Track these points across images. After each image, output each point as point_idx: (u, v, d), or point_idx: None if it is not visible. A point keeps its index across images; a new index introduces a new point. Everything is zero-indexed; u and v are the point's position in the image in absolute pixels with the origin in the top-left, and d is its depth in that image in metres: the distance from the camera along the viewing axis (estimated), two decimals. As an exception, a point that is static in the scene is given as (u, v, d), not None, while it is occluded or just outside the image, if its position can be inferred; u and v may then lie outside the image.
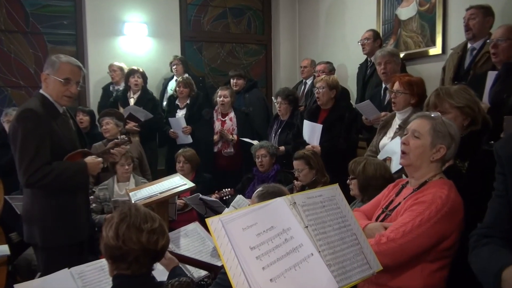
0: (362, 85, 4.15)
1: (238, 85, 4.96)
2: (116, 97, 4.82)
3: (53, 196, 2.34)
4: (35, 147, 2.22)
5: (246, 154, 4.25)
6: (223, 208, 3.18)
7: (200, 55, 6.12)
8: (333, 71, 4.80)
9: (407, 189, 1.92)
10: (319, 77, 4.07)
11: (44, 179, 2.24)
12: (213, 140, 4.48)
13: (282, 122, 4.23)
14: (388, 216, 1.87)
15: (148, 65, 5.46)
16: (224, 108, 4.55)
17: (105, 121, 4.01)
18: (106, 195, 3.59)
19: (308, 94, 4.93)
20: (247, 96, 4.97)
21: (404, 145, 1.85)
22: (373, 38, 4.12)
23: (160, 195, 2.62)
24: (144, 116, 4.60)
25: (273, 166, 3.87)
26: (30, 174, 2.22)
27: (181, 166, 3.90)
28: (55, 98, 2.36)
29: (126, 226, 1.53)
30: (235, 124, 4.56)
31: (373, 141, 3.03)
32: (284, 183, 3.45)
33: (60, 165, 2.30)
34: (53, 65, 2.34)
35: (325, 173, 3.23)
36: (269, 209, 1.36)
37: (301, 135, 3.78)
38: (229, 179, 4.18)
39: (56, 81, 2.33)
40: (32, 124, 2.22)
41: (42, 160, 2.24)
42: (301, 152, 3.31)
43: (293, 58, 6.28)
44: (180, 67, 5.26)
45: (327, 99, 3.72)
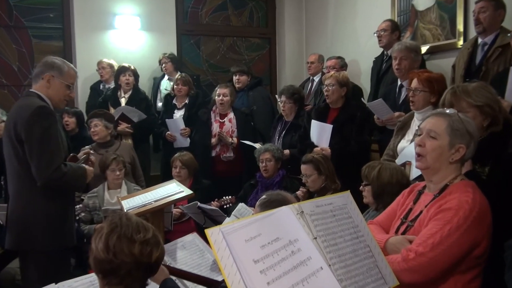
0: (376, 81, 4.14)
1: (241, 81, 4.96)
2: (106, 97, 4.84)
3: (53, 199, 2.46)
4: (55, 144, 2.38)
5: (247, 158, 4.25)
6: (224, 217, 3.18)
7: (198, 50, 6.14)
8: (345, 67, 4.80)
9: (426, 195, 1.90)
10: (328, 73, 4.07)
11: (63, 178, 2.40)
12: (210, 144, 4.46)
13: (286, 123, 4.23)
14: (410, 227, 1.85)
15: (141, 61, 5.48)
16: (223, 108, 4.54)
17: (94, 123, 4.04)
18: (96, 204, 3.60)
19: (317, 92, 4.92)
20: (251, 94, 4.96)
21: (420, 147, 1.84)
22: (390, 30, 4.10)
23: (155, 203, 2.62)
24: (137, 117, 4.61)
25: (279, 171, 3.87)
26: (52, 171, 2.35)
27: (178, 171, 3.90)
28: (56, 101, 2.53)
29: (116, 237, 1.53)
30: (235, 126, 4.54)
31: (390, 144, 3.02)
32: (291, 190, 3.44)
33: (71, 166, 2.47)
34: (60, 68, 2.53)
35: (335, 179, 3.22)
36: (274, 219, 1.36)
37: (308, 137, 3.78)
38: (228, 186, 4.17)
39: (62, 85, 2.53)
40: (49, 121, 2.39)
41: (60, 158, 2.42)
42: (309, 155, 3.30)
43: (300, 53, 6.28)
44: (170, 65, 5.26)
45: (337, 98, 3.72)
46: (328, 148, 3.55)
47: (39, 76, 2.50)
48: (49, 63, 2.53)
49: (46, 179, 2.34)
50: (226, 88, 4.57)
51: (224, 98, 4.49)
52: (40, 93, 2.48)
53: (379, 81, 4.07)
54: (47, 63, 2.53)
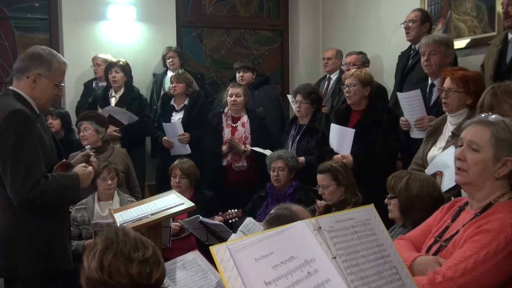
0: (400, 79, 4.13)
1: (245, 79, 4.96)
2: (96, 97, 4.89)
3: (39, 217, 2.36)
4: (32, 156, 2.26)
5: (262, 167, 4.25)
6: (229, 233, 3.19)
7: (200, 44, 6.18)
8: (367, 63, 4.80)
9: (467, 212, 1.89)
10: (348, 71, 4.06)
11: (43, 196, 2.26)
12: (221, 152, 4.47)
13: (301, 127, 4.24)
14: (443, 247, 1.84)
15: (137, 56, 5.54)
16: (236, 110, 4.54)
17: (83, 126, 4.07)
18: (85, 217, 3.62)
19: (334, 92, 4.93)
20: (256, 94, 4.97)
21: (460, 161, 1.83)
22: (420, 21, 4.08)
23: (152, 217, 2.63)
24: (126, 119, 4.64)
25: (291, 182, 3.88)
26: (28, 189, 2.21)
27: (177, 181, 3.93)
28: (42, 102, 2.42)
29: (112, 255, 1.54)
30: (249, 131, 4.54)
31: (419, 152, 3.01)
32: (305, 203, 3.42)
33: (55, 178, 2.33)
34: (49, 64, 2.39)
35: (356, 191, 3.22)
36: (288, 235, 1.36)
37: (327, 142, 3.78)
38: (242, 199, 4.18)
39: (50, 84, 2.40)
40: (25, 127, 2.26)
41: (39, 171, 2.27)
42: (327, 164, 3.30)
43: (315, 47, 6.30)
44: (177, 60, 5.30)
45: (359, 98, 3.72)
46: (350, 155, 3.54)
47: (24, 73, 2.37)
48: (36, 57, 2.37)
49: (21, 200, 2.23)
50: (239, 87, 4.57)
51: (237, 98, 4.49)
52: (22, 92, 2.36)
53: (404, 79, 4.06)
54: (33, 57, 2.38)
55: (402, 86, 4.02)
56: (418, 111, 3.34)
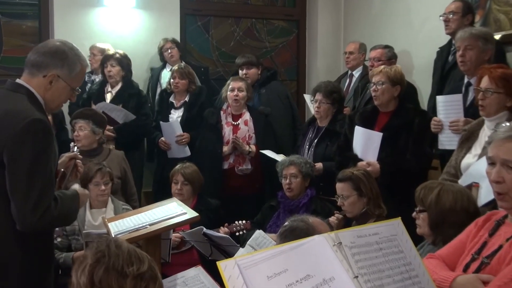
0: (440, 77, 4.11)
1: (250, 76, 4.96)
2: (90, 92, 4.92)
3: (35, 239, 2.29)
4: (47, 177, 2.20)
5: (269, 171, 4.24)
6: (236, 248, 3.19)
7: (206, 34, 6.21)
8: (393, 58, 4.79)
9: (508, 225, 1.88)
10: (375, 68, 4.05)
11: (52, 222, 2.26)
12: (222, 153, 4.48)
13: (319, 130, 4.23)
14: (486, 265, 1.83)
15: (136, 48, 5.57)
16: (238, 107, 4.56)
17: (79, 125, 4.08)
18: (75, 226, 3.63)
19: (357, 91, 4.93)
20: (263, 92, 4.97)
21: (499, 184, 1.79)
22: (462, 12, 4.05)
23: (151, 227, 2.64)
24: (122, 117, 4.66)
25: (306, 190, 3.87)
26: (39, 215, 2.15)
27: (179, 188, 3.93)
28: (53, 106, 2.38)
29: (104, 269, 1.55)
30: (253, 130, 4.56)
31: (452, 160, 3.00)
32: (321, 214, 3.42)
33: (63, 201, 2.30)
34: (72, 67, 2.33)
35: (380, 203, 3.20)
36: (305, 251, 1.37)
37: (350, 147, 3.77)
38: (245, 207, 4.16)
39: (66, 89, 2.35)
40: (45, 143, 2.19)
41: (51, 194, 2.23)
42: (347, 171, 3.29)
43: (336, 40, 6.30)
44: (176, 52, 5.32)
45: (388, 99, 3.71)
46: (376, 162, 3.53)
47: (40, 70, 2.29)
48: (59, 55, 2.29)
49: (29, 226, 2.17)
50: (241, 81, 4.59)
51: (239, 93, 4.51)
52: (35, 92, 2.28)
53: (445, 78, 4.03)
54: (56, 55, 2.29)
55: (442, 87, 4.01)
56: (456, 113, 3.31)
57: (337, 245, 1.44)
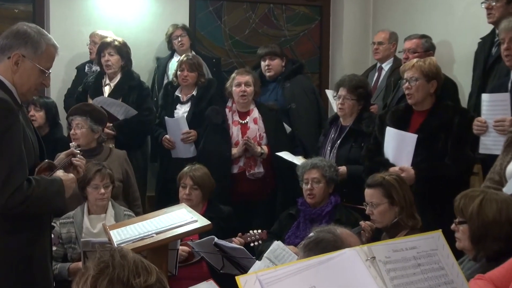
0: (482, 71, 4.09)
1: (273, 68, 4.98)
2: (86, 85, 4.94)
3: (19, 230, 2.42)
4: (14, 155, 2.34)
5: (282, 175, 4.22)
6: (252, 260, 3.19)
7: (218, 21, 6.23)
8: (431, 50, 4.76)
9: None
10: (408, 60, 4.02)
11: (25, 202, 2.33)
12: (230, 156, 4.48)
13: (343, 129, 4.23)
14: None
15: (140, 35, 5.61)
16: (245, 104, 4.56)
17: (76, 122, 4.10)
18: (72, 233, 3.67)
19: (388, 86, 4.90)
20: (287, 86, 4.98)
21: None
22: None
23: (157, 236, 2.65)
24: (122, 113, 4.68)
25: (330, 197, 3.87)
26: (9, 194, 2.29)
27: (187, 193, 3.94)
28: (24, 90, 2.51)
29: (107, 281, 1.56)
30: (263, 129, 4.55)
31: (496, 165, 2.98)
32: (346, 224, 3.40)
33: (39, 182, 2.41)
34: (35, 45, 2.48)
35: (414, 213, 3.19)
36: (334, 266, 1.37)
37: (381, 151, 3.76)
38: (255, 215, 4.15)
39: (36, 69, 2.49)
40: (7, 121, 2.34)
41: (22, 174, 2.35)
42: (378, 176, 3.27)
43: (364, 28, 6.29)
44: (187, 40, 5.34)
45: (423, 96, 3.70)
46: (411, 168, 3.52)
47: (4, 53, 2.47)
48: (21, 35, 2.47)
49: (1, 205, 2.30)
50: (248, 74, 4.58)
51: (247, 88, 4.51)
52: (2, 77, 2.46)
53: (488, 72, 4.01)
54: (18, 35, 2.47)
55: (485, 82, 3.99)
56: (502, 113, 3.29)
57: (370, 260, 1.44)
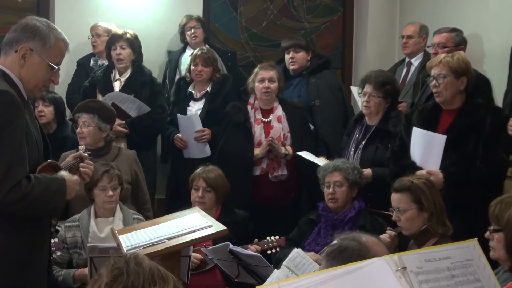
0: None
1: (297, 61, 4.99)
2: (94, 79, 4.96)
3: (15, 230, 2.45)
4: (15, 150, 2.38)
5: (307, 178, 4.22)
6: (269, 269, 3.19)
7: (234, 12, 6.24)
8: (462, 45, 4.74)
9: None
10: (435, 56, 4.00)
11: (24, 200, 2.36)
12: (252, 157, 4.51)
13: (368, 129, 4.23)
14: None
15: (150, 27, 5.63)
16: (269, 101, 4.57)
17: (82, 120, 4.10)
18: (77, 238, 3.69)
19: (417, 83, 4.89)
20: (312, 81, 4.98)
21: None
22: None
23: (169, 242, 2.66)
24: (135, 109, 4.70)
25: (353, 202, 3.87)
26: (7, 190, 2.32)
27: (200, 195, 3.96)
28: (31, 86, 2.55)
29: (122, 289, 1.58)
30: (287, 128, 4.57)
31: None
32: (371, 231, 3.40)
33: (40, 180, 2.44)
34: (44, 39, 2.52)
35: (445, 220, 3.18)
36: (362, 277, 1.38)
37: (407, 153, 3.75)
38: (278, 221, 4.14)
39: (44, 64, 2.53)
40: (10, 114, 2.38)
41: (22, 170, 2.38)
42: (406, 180, 3.26)
43: (391, 21, 6.27)
44: (200, 32, 5.36)
45: (453, 94, 3.68)
46: (439, 171, 3.51)
47: (12, 46, 2.52)
48: (29, 28, 2.52)
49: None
50: (272, 69, 4.59)
51: (270, 84, 4.52)
52: (8, 71, 2.50)
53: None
54: (26, 28, 2.52)
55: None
56: None
57: (400, 270, 1.44)
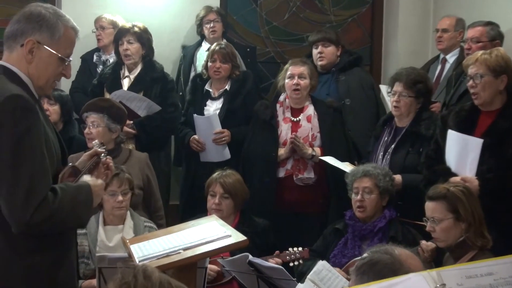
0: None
1: (326, 57, 5.00)
2: (102, 77, 5.00)
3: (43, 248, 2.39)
4: (36, 161, 2.29)
5: (337, 183, 4.20)
6: (292, 282, 3.18)
7: (253, 4, 6.28)
8: (498, 39, 4.71)
9: None
10: (471, 52, 4.03)
11: (53, 217, 2.28)
12: (277, 157, 4.52)
13: (398, 131, 4.24)
14: None
15: (163, 20, 5.68)
16: (299, 99, 4.59)
17: (91, 120, 4.13)
18: (85, 247, 3.72)
19: (449, 81, 4.86)
20: (342, 79, 4.99)
21: None
22: None
23: (185, 253, 2.66)
24: (144, 109, 4.73)
25: (384, 211, 3.86)
26: (33, 209, 2.22)
27: (217, 202, 3.97)
28: (41, 83, 2.46)
29: (131, 304, 1.58)
30: (317, 128, 4.57)
31: None
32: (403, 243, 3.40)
33: (66, 192, 2.36)
34: (52, 28, 2.41)
35: (484, 231, 3.17)
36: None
37: (442, 158, 3.74)
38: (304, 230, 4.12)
39: (53, 57, 2.42)
40: (26, 121, 2.27)
41: (46, 183, 2.30)
42: (442, 187, 3.26)
43: (423, 13, 6.27)
44: (220, 26, 5.38)
45: (491, 95, 3.65)
46: (475, 178, 3.49)
47: (16, 40, 2.40)
48: (35, 17, 2.40)
49: (24, 224, 2.24)
50: (303, 65, 4.59)
51: (300, 81, 4.53)
52: (15, 68, 2.40)
53: None
54: (31, 17, 2.40)
55: None
56: None
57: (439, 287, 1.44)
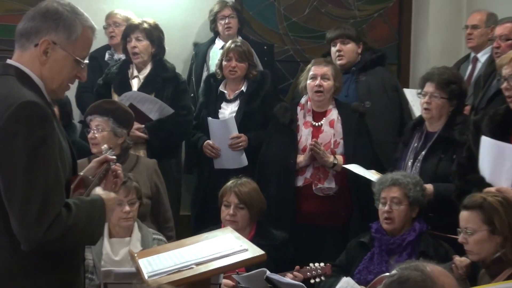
0: None
1: (345, 56, 4.99)
2: (109, 77, 5.01)
3: (52, 267, 2.39)
4: (51, 175, 2.28)
5: (361, 194, 4.22)
6: (313, 300, 3.20)
7: (271, -1, 6.28)
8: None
9: None
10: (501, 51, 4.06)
11: (66, 235, 2.28)
12: (295, 164, 4.52)
13: (429, 136, 4.24)
14: None
15: (174, 16, 5.74)
16: (322, 102, 4.60)
17: (95, 124, 4.14)
18: (89, 260, 3.73)
19: (478, 81, 4.85)
20: (363, 79, 5.00)
21: None
22: None
23: (197, 268, 2.66)
24: (157, 111, 4.75)
25: (413, 223, 3.85)
26: (47, 226, 2.21)
27: (232, 213, 3.98)
28: (55, 87, 2.45)
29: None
30: (340, 134, 4.58)
31: None
32: (435, 258, 3.41)
33: (80, 208, 2.35)
34: (69, 28, 2.39)
35: (521, 245, 3.16)
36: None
37: (475, 167, 3.72)
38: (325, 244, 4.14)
39: (68, 59, 2.41)
40: (42, 131, 2.28)
41: (60, 198, 2.29)
42: (478, 196, 3.25)
43: (456, 9, 6.27)
44: (235, 22, 5.41)
45: (529, 98, 3.65)
46: (511, 189, 3.45)
47: (30, 39, 2.37)
48: (51, 15, 2.36)
49: (37, 242, 2.23)
50: (326, 65, 4.60)
51: (323, 82, 4.54)
52: (27, 70, 2.38)
53: None
54: (47, 15, 2.36)
55: None
56: None
57: (476, 306, 1.44)
